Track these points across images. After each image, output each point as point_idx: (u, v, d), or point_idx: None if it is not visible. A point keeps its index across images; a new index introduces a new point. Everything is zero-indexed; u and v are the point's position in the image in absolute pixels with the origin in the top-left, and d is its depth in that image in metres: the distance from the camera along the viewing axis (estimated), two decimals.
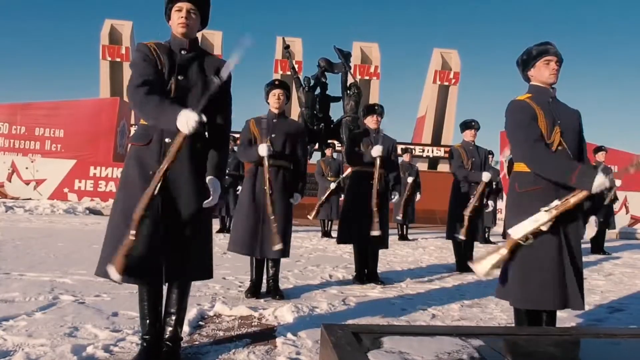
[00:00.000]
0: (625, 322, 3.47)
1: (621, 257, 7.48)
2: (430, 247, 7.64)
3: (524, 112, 2.49)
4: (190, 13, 2.18)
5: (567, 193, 2.48)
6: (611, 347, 1.81)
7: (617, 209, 13.28)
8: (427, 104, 25.60)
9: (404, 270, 5.28)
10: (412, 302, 3.73)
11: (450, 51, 25.68)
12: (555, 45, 2.60)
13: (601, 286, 4.81)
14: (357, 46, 25.18)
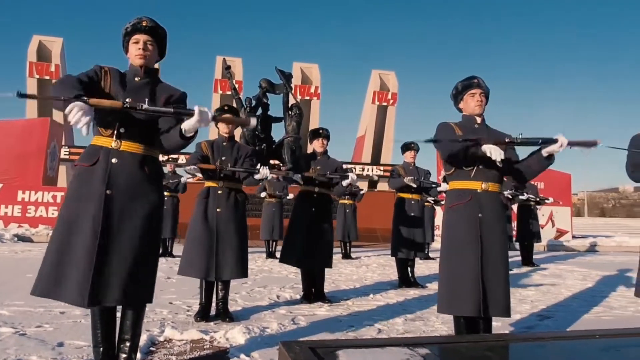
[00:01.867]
0: (553, 327, 3.77)
1: (548, 268, 8.00)
2: (373, 265, 7.85)
3: (447, 127, 2.77)
4: (147, 45, 2.24)
5: (493, 207, 2.73)
6: (539, 349, 2.01)
7: (543, 223, 14.21)
8: (367, 124, 26.26)
9: (350, 288, 5.42)
10: (359, 319, 3.86)
11: (388, 73, 26.59)
12: (480, 79, 2.87)
13: (531, 296, 5.16)
14: (298, 67, 25.55)
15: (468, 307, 2.60)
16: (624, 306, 4.69)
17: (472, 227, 2.67)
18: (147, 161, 2.23)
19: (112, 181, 2.12)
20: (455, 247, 2.71)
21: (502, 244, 2.76)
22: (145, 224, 2.17)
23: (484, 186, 2.70)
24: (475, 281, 2.60)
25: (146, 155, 2.21)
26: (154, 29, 2.28)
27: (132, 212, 2.14)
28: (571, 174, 15.56)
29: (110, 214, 2.08)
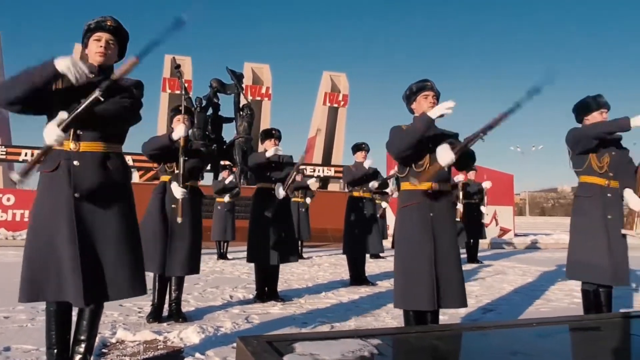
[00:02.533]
0: (496, 319, 3.97)
1: (492, 264, 8.35)
2: (325, 264, 7.96)
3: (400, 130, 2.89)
4: (109, 43, 2.23)
5: (443, 207, 2.88)
6: (483, 337, 2.15)
7: (488, 221, 14.78)
8: (318, 125, 26.38)
9: (302, 287, 5.49)
10: (312, 316, 3.94)
11: (339, 74, 26.81)
12: (432, 82, 3.01)
13: (476, 291, 5.39)
14: (249, 67, 25.32)
15: (424, 302, 2.72)
16: (560, 298, 4.99)
17: (424, 226, 2.80)
18: (109, 158, 2.22)
19: (78, 183, 2.12)
20: (409, 246, 2.82)
21: (453, 241, 2.91)
22: (119, 219, 2.20)
23: (435, 186, 2.83)
24: (430, 277, 2.73)
25: (107, 152, 2.20)
26: (118, 29, 2.27)
27: (103, 211, 2.17)
28: (514, 174, 16.23)
29: (82, 216, 2.10)
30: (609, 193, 3.31)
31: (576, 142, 3.37)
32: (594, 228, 3.27)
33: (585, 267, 3.28)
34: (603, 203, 3.29)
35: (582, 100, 3.47)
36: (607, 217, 3.27)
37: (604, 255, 3.21)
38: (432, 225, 2.80)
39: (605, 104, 3.38)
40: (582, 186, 3.38)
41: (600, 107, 3.37)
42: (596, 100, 3.39)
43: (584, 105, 3.44)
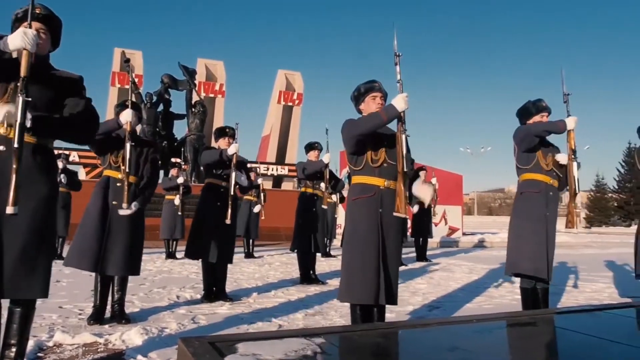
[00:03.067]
0: (440, 316, 4.05)
1: (440, 263, 8.56)
2: (276, 263, 7.93)
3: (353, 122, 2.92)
4: (40, 32, 2.12)
5: (392, 203, 2.91)
6: (426, 333, 2.20)
7: (437, 221, 15.14)
8: (272, 124, 26.24)
9: (251, 286, 5.44)
10: (260, 315, 3.91)
11: (294, 73, 26.76)
12: (380, 83, 3.05)
13: (423, 289, 5.51)
14: (202, 63, 24.87)
15: (366, 296, 2.75)
16: (502, 295, 5.17)
17: (373, 220, 2.83)
18: (38, 151, 2.10)
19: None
20: (357, 238, 2.84)
21: (397, 240, 2.96)
22: (34, 214, 2.05)
23: (387, 184, 2.87)
24: (375, 271, 2.76)
25: (38, 144, 2.09)
26: (49, 17, 2.16)
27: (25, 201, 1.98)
28: (463, 175, 16.70)
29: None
30: (551, 191, 3.47)
31: (522, 139, 3.52)
32: (536, 224, 3.41)
33: (525, 262, 3.41)
34: (546, 200, 3.44)
35: (524, 106, 3.62)
36: (546, 214, 3.42)
37: (543, 251, 3.36)
38: (381, 220, 2.83)
39: (545, 108, 3.52)
40: (527, 182, 3.51)
41: (540, 111, 3.51)
42: (536, 105, 3.54)
43: (525, 110, 3.59)
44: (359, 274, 2.78)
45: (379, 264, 2.77)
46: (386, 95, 3.04)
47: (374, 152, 2.88)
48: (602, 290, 5.59)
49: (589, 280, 6.40)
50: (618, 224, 42.47)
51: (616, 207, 44.32)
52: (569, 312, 2.64)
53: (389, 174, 2.90)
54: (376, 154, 2.90)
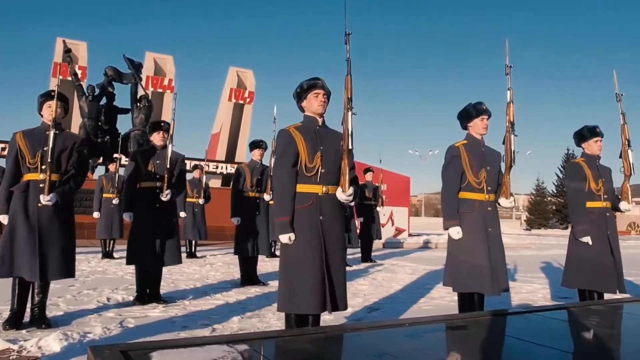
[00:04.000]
0: (379, 318, 4.04)
1: (384, 264, 8.61)
2: (219, 264, 7.74)
3: (284, 141, 2.84)
4: None
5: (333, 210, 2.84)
6: (356, 338, 2.14)
7: (384, 222, 15.30)
8: (222, 121, 25.83)
9: (189, 288, 5.26)
10: (194, 319, 3.76)
11: (246, 71, 26.43)
12: (323, 80, 2.98)
13: (364, 290, 5.49)
14: (151, 57, 24.16)
15: (310, 305, 2.67)
16: (442, 296, 5.21)
17: (314, 229, 2.75)
18: None
19: None
20: (297, 249, 2.75)
21: (341, 244, 2.90)
22: None
23: (325, 189, 2.80)
24: (320, 281, 2.68)
25: None
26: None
27: None
28: (410, 177, 16.95)
29: None
30: (489, 207, 3.46)
31: None
32: (476, 242, 3.39)
33: (468, 279, 3.38)
34: (483, 217, 3.42)
35: (464, 108, 3.62)
36: (488, 230, 3.41)
37: (485, 268, 3.33)
38: (322, 227, 2.76)
39: (485, 111, 3.54)
40: (463, 202, 3.44)
41: (480, 114, 3.52)
42: (476, 107, 3.54)
43: (466, 113, 3.59)
44: (302, 284, 2.69)
45: (323, 273, 2.70)
46: (329, 94, 2.98)
47: (309, 160, 2.81)
48: (536, 291, 5.76)
49: (526, 281, 6.59)
50: (556, 226, 44.53)
51: (554, 210, 46.47)
52: (500, 314, 2.65)
53: (327, 180, 2.82)
54: (311, 161, 2.82)
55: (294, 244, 2.77)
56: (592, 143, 4.03)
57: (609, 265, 3.91)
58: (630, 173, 3.93)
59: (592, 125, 4.06)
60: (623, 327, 2.83)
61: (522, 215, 52.50)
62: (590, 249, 3.92)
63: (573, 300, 4.74)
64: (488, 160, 3.47)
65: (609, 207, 4.02)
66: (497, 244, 3.43)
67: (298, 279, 2.73)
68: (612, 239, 3.97)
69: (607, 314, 2.98)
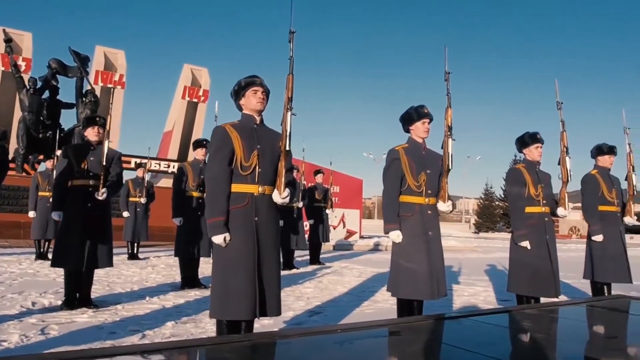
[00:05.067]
0: (319, 323, 3.95)
1: (332, 266, 8.55)
2: (161, 265, 7.48)
3: (219, 138, 2.72)
4: None
5: (269, 211, 2.74)
6: (283, 345, 2.02)
7: (335, 224, 15.30)
8: (175, 119, 25.24)
9: (125, 291, 5.02)
10: (124, 324, 3.56)
11: (201, 69, 25.92)
12: (261, 78, 2.88)
13: (309, 293, 5.41)
14: (101, 51, 23.32)
15: (243, 311, 2.56)
16: (386, 299, 5.18)
17: (248, 230, 2.64)
18: None
19: None
20: (230, 252, 2.64)
21: (276, 247, 2.80)
22: None
23: (261, 189, 2.69)
24: (251, 285, 2.57)
25: None
26: None
27: None
28: (363, 179, 17.03)
29: None
30: (429, 210, 3.44)
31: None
32: (416, 247, 3.36)
33: (406, 285, 3.34)
34: (423, 220, 3.40)
35: (406, 111, 3.60)
36: (428, 234, 3.39)
37: (424, 273, 3.31)
38: (256, 229, 2.65)
39: (426, 115, 3.53)
40: (403, 206, 3.43)
41: (421, 117, 3.51)
42: (418, 111, 3.52)
43: (408, 116, 3.57)
44: (234, 289, 2.58)
45: (254, 277, 2.59)
46: (268, 92, 2.88)
47: (245, 159, 2.69)
48: (478, 294, 5.84)
49: (469, 284, 6.69)
50: (503, 230, 46.02)
51: (502, 214, 48.02)
52: (434, 319, 2.61)
53: (263, 180, 2.72)
54: (247, 160, 2.71)
55: (227, 245, 2.66)
56: (533, 149, 4.10)
57: (546, 270, 3.98)
58: (567, 180, 4.05)
59: (534, 131, 4.14)
60: (557, 331, 2.85)
61: (471, 218, 53.93)
62: (529, 254, 3.99)
63: (513, 303, 4.82)
64: (428, 164, 3.45)
65: (547, 212, 4.09)
66: (436, 248, 3.42)
67: (230, 283, 2.62)
68: (550, 244, 4.04)
69: (541, 318, 2.99)
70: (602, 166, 4.73)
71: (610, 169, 4.74)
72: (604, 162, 4.72)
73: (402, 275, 3.37)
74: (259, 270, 2.64)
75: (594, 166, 4.79)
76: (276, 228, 2.83)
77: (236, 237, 2.66)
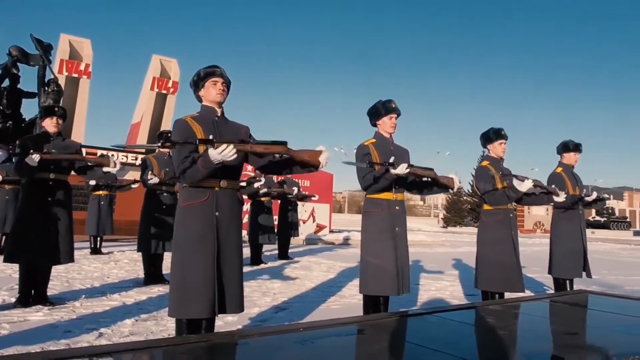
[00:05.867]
0: (284, 319, 3.90)
1: (300, 261, 8.50)
2: (124, 261, 7.28)
3: (182, 130, 2.62)
4: None
5: (230, 206, 2.65)
6: (243, 346, 1.98)
7: (305, 218, 15.26)
8: (143, 111, 24.73)
9: (85, 288, 4.86)
10: (81, 323, 3.43)
11: (170, 60, 25.43)
12: (222, 68, 2.78)
13: (275, 288, 5.34)
14: (66, 39, 22.63)
15: (201, 309, 2.47)
16: (353, 295, 5.17)
17: (208, 226, 2.55)
18: None
19: None
20: (188, 248, 2.54)
21: (237, 242, 2.70)
22: None
23: (223, 184, 2.61)
24: (210, 282, 2.49)
25: None
26: None
27: None
28: (333, 174, 17.03)
29: None
30: (397, 206, 3.42)
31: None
32: (383, 243, 3.34)
33: (375, 282, 3.33)
34: (391, 216, 3.37)
35: (374, 105, 3.56)
36: (395, 230, 3.36)
37: (391, 270, 3.29)
38: (217, 224, 2.56)
39: (394, 110, 3.49)
40: (371, 201, 3.41)
41: (389, 113, 3.48)
42: (385, 106, 3.49)
43: (375, 111, 3.53)
44: (193, 286, 2.49)
45: (213, 274, 2.50)
46: (229, 83, 2.79)
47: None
48: (445, 288, 5.88)
49: (436, 278, 6.73)
50: (470, 224, 46.88)
51: (470, 209, 48.93)
52: (398, 316, 2.59)
53: (225, 174, 2.62)
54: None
55: (187, 241, 2.57)
56: (497, 145, 4.12)
57: (512, 265, 4.01)
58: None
59: (498, 127, 4.16)
60: (520, 327, 2.87)
61: (439, 213, 54.70)
62: (495, 250, 4.02)
63: (479, 297, 4.86)
64: (397, 159, 3.43)
65: (513, 209, 4.14)
66: (402, 245, 3.41)
67: (188, 280, 2.53)
68: (515, 240, 4.08)
69: (505, 314, 3.01)
70: (567, 163, 4.80)
71: (574, 166, 4.82)
72: (569, 160, 4.80)
73: (369, 272, 3.36)
74: (219, 266, 2.56)
75: (559, 163, 4.85)
76: (238, 223, 2.74)
77: (195, 233, 2.57)
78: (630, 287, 6.68)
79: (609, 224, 40.95)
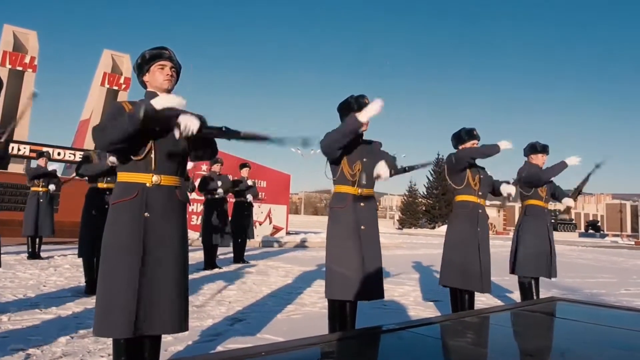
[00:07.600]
0: (242, 331, 3.58)
1: (257, 265, 8.15)
2: (65, 266, 6.73)
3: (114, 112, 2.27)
4: None
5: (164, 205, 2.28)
6: None
7: (262, 220, 14.89)
8: (93, 107, 23.72)
9: (16, 298, 4.36)
10: (6, 342, 3.00)
11: (122, 55, 24.52)
12: (171, 50, 2.44)
13: (231, 296, 5.00)
14: (10, 30, 21.43)
15: (122, 328, 2.11)
16: (314, 302, 4.90)
17: (134, 229, 2.19)
18: None
19: None
20: (113, 254, 2.19)
21: (176, 249, 2.31)
22: None
23: (156, 179, 2.25)
24: (131, 297, 2.12)
25: None
26: None
27: None
28: (291, 175, 16.69)
29: None
30: (362, 202, 3.20)
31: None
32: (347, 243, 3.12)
33: (340, 286, 3.09)
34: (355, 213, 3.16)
35: (346, 100, 3.34)
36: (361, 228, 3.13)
37: (356, 272, 3.07)
38: (146, 228, 2.20)
39: (366, 105, 3.28)
40: (336, 196, 3.24)
41: (362, 108, 3.25)
42: (358, 101, 3.26)
43: (347, 105, 3.31)
44: (115, 301, 2.13)
45: (135, 286, 2.13)
46: (179, 68, 2.45)
47: (138, 144, 2.23)
48: (408, 293, 5.69)
49: (398, 283, 6.55)
50: (425, 226, 47.65)
51: (424, 211, 49.72)
52: (369, 333, 2.33)
53: (161, 168, 2.27)
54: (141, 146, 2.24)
55: (111, 246, 2.20)
56: (469, 146, 3.99)
57: (474, 264, 3.90)
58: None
59: (470, 127, 4.03)
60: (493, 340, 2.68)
61: (395, 215, 55.32)
62: (460, 246, 3.92)
63: (444, 303, 4.70)
64: (365, 153, 3.25)
65: (482, 205, 4.05)
66: (371, 245, 3.15)
67: (109, 294, 2.15)
68: (481, 237, 3.95)
69: (477, 326, 2.81)
70: (535, 164, 4.73)
71: (542, 168, 4.74)
72: (537, 161, 4.74)
73: (335, 275, 3.11)
74: (147, 277, 2.20)
75: (525, 163, 4.79)
76: (178, 227, 2.36)
77: (120, 238, 2.20)
78: (589, 289, 6.72)
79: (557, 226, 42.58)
